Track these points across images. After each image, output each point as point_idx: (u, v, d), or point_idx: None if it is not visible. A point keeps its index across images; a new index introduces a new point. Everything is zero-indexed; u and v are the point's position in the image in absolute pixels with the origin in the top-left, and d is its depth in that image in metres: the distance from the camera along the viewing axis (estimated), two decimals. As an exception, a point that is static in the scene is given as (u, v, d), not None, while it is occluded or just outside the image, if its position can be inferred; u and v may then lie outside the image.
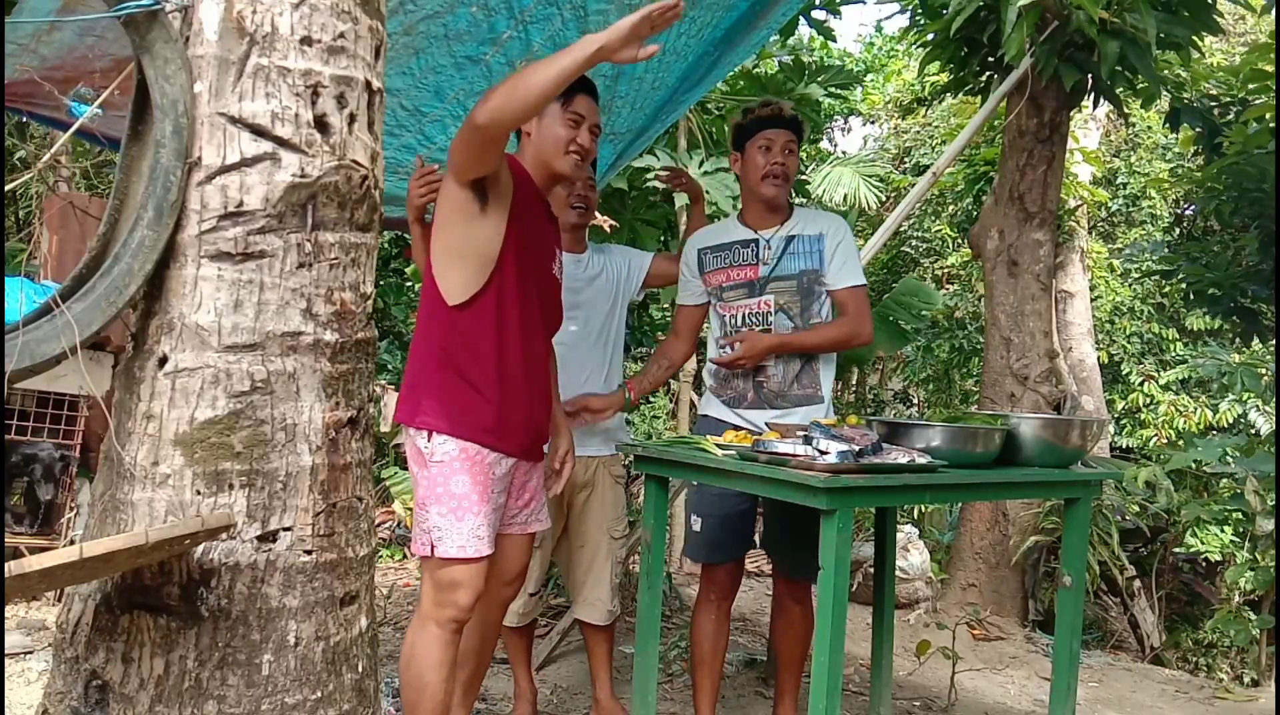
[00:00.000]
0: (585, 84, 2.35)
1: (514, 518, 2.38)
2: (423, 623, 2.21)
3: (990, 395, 4.89)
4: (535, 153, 2.33)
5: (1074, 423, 2.61)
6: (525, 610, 3.01)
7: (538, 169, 2.34)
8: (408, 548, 5.56)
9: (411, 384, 2.25)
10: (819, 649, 2.06)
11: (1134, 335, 8.65)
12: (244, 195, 1.73)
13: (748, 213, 2.92)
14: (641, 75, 3.42)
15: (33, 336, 1.61)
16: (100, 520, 1.78)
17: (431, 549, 2.17)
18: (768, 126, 2.81)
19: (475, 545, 2.17)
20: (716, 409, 2.88)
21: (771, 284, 2.83)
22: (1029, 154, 4.79)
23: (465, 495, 2.16)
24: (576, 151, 2.31)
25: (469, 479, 2.16)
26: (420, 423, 2.19)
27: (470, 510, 2.17)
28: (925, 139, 9.98)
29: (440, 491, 2.16)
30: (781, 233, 2.85)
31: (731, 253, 2.87)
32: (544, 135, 2.31)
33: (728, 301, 2.88)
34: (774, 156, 2.79)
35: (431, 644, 2.18)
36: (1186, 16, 4.35)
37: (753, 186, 2.84)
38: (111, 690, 1.70)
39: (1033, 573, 5.08)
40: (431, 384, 2.20)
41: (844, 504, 2.06)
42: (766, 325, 2.82)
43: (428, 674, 2.16)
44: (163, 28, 1.70)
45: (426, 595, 2.23)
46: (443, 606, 2.19)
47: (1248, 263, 5.17)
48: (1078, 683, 2.70)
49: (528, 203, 2.27)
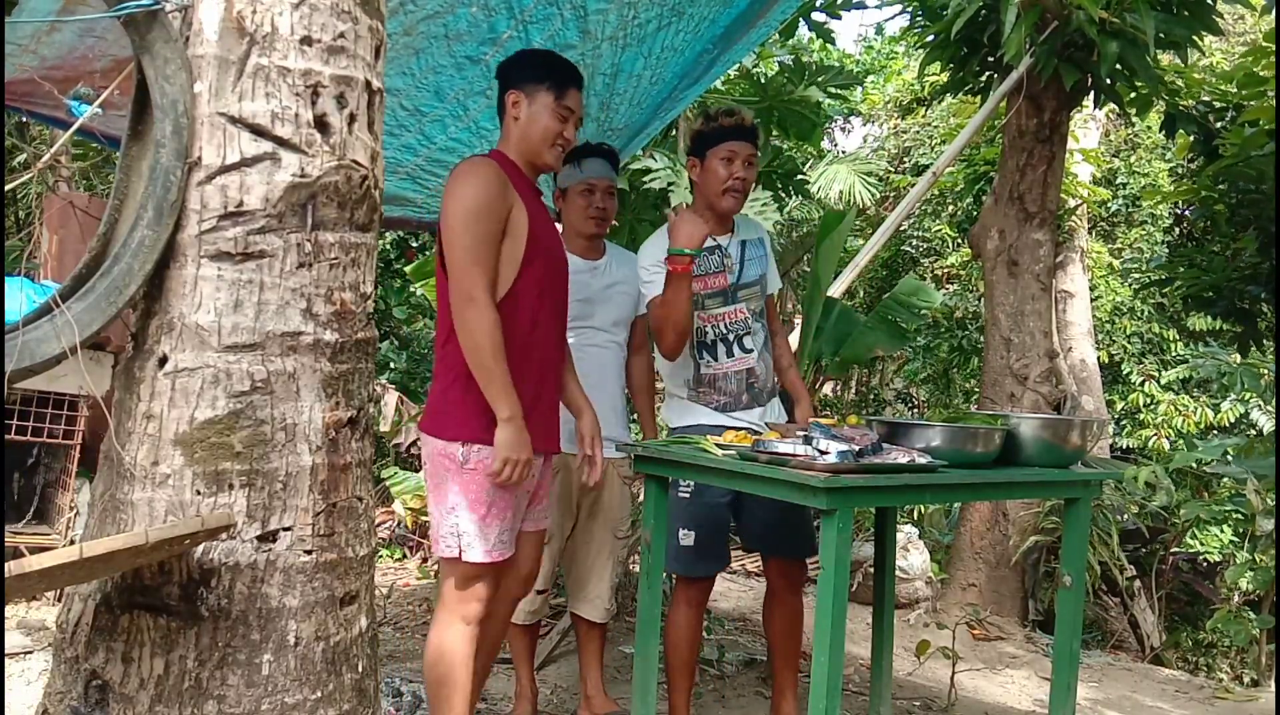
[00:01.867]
0: (577, 76, 2.35)
1: (525, 517, 2.41)
2: (449, 621, 2.25)
3: (990, 395, 4.89)
4: (522, 139, 2.31)
5: (1074, 423, 2.61)
6: (533, 608, 3.01)
7: (523, 155, 2.33)
8: (408, 547, 5.56)
9: (441, 395, 2.27)
10: (819, 649, 2.06)
11: (1134, 335, 8.65)
12: (244, 195, 1.73)
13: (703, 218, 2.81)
14: (640, 73, 3.42)
15: (32, 336, 1.61)
16: (100, 520, 1.78)
17: (460, 552, 2.21)
18: (730, 138, 2.76)
19: (501, 549, 2.24)
20: (706, 416, 2.82)
21: (741, 291, 2.85)
22: (1029, 154, 4.79)
23: (495, 501, 2.21)
24: (562, 145, 2.32)
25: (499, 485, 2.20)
26: (453, 434, 2.21)
27: (499, 516, 2.22)
28: (925, 139, 9.98)
29: (472, 498, 2.20)
30: (736, 239, 2.89)
31: (703, 260, 2.80)
32: (534, 124, 2.29)
33: (708, 309, 2.82)
34: (736, 170, 2.76)
35: (459, 640, 2.23)
36: (1186, 16, 4.35)
37: (712, 198, 2.80)
38: (111, 690, 1.70)
39: (1033, 573, 5.08)
40: (463, 397, 2.21)
41: (844, 504, 2.06)
42: (747, 329, 2.84)
43: (458, 670, 2.21)
44: (163, 28, 1.70)
45: (450, 594, 2.26)
46: (467, 603, 2.24)
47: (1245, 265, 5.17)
48: (1078, 683, 2.70)
49: (528, 197, 2.29)
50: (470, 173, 2.20)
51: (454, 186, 2.20)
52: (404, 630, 4.12)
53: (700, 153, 2.81)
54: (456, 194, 2.18)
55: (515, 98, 2.30)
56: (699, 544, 2.77)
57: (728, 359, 2.83)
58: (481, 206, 2.15)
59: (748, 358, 2.84)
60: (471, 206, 2.15)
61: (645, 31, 3.16)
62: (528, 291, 2.25)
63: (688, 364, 2.85)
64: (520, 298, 2.24)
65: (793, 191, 5.39)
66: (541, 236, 2.28)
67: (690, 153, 2.87)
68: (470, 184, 2.18)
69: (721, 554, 2.86)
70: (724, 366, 2.83)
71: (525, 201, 2.26)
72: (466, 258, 2.13)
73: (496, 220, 2.17)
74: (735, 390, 2.83)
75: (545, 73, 2.30)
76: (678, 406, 2.90)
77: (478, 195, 2.16)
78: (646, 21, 3.10)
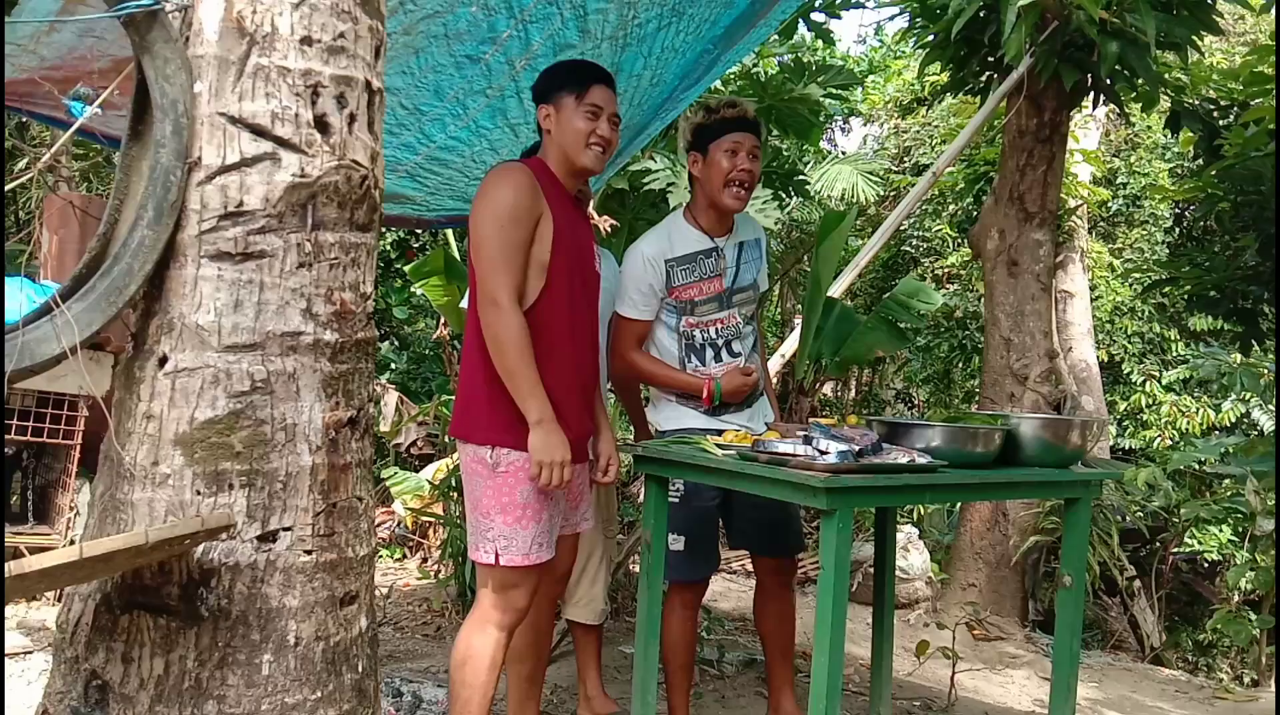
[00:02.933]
0: (601, 73, 2.33)
1: (566, 519, 2.42)
2: (482, 625, 2.25)
3: (990, 395, 4.89)
4: (557, 148, 2.31)
5: (1074, 423, 2.61)
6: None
7: (561, 165, 2.32)
8: (408, 547, 5.56)
9: (469, 399, 2.27)
10: (819, 649, 2.06)
11: (1135, 335, 8.64)
12: (244, 195, 1.73)
13: (702, 218, 2.78)
14: (640, 72, 3.42)
15: (32, 336, 1.61)
16: (100, 520, 1.78)
17: (496, 557, 2.20)
18: (733, 129, 2.66)
19: (538, 552, 2.23)
20: (694, 419, 2.78)
21: (736, 296, 2.79)
22: (1029, 154, 4.79)
23: (529, 504, 2.21)
24: (598, 143, 2.29)
25: (532, 488, 2.20)
26: (482, 438, 2.21)
27: (534, 518, 2.21)
28: (925, 139, 9.97)
29: (506, 501, 2.20)
30: (733, 240, 2.81)
31: (698, 264, 2.74)
32: (564, 130, 2.28)
33: (700, 316, 2.76)
34: (741, 162, 2.66)
35: (489, 645, 2.23)
36: (1186, 16, 4.35)
37: (714, 193, 2.70)
38: (111, 690, 1.70)
39: (1033, 573, 5.08)
40: (490, 400, 2.21)
41: (844, 504, 2.06)
42: (736, 333, 2.80)
43: (483, 674, 2.21)
44: (163, 28, 1.70)
45: (486, 598, 2.26)
46: (504, 611, 2.24)
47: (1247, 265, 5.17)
48: (1078, 683, 2.70)
49: (560, 206, 2.28)
50: (501, 179, 2.20)
51: (485, 191, 2.19)
52: (404, 630, 4.12)
53: (702, 147, 2.71)
54: (486, 199, 2.18)
55: (545, 111, 2.32)
56: (689, 548, 2.76)
57: (716, 364, 2.79)
58: (510, 212, 2.15)
59: (736, 362, 2.81)
60: (500, 212, 2.15)
61: (645, 31, 3.15)
62: (556, 299, 2.24)
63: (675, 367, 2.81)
64: (549, 306, 2.23)
65: (792, 192, 5.39)
66: (570, 246, 2.27)
67: (690, 148, 2.75)
68: (500, 189, 2.17)
69: (711, 557, 2.86)
70: (711, 371, 2.78)
71: (557, 210, 2.25)
72: (492, 262, 2.14)
73: (525, 227, 2.17)
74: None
75: (565, 78, 2.30)
76: (666, 409, 2.85)
77: (507, 201, 2.16)
78: (646, 21, 3.09)
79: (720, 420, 2.78)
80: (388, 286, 7.42)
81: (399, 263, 7.43)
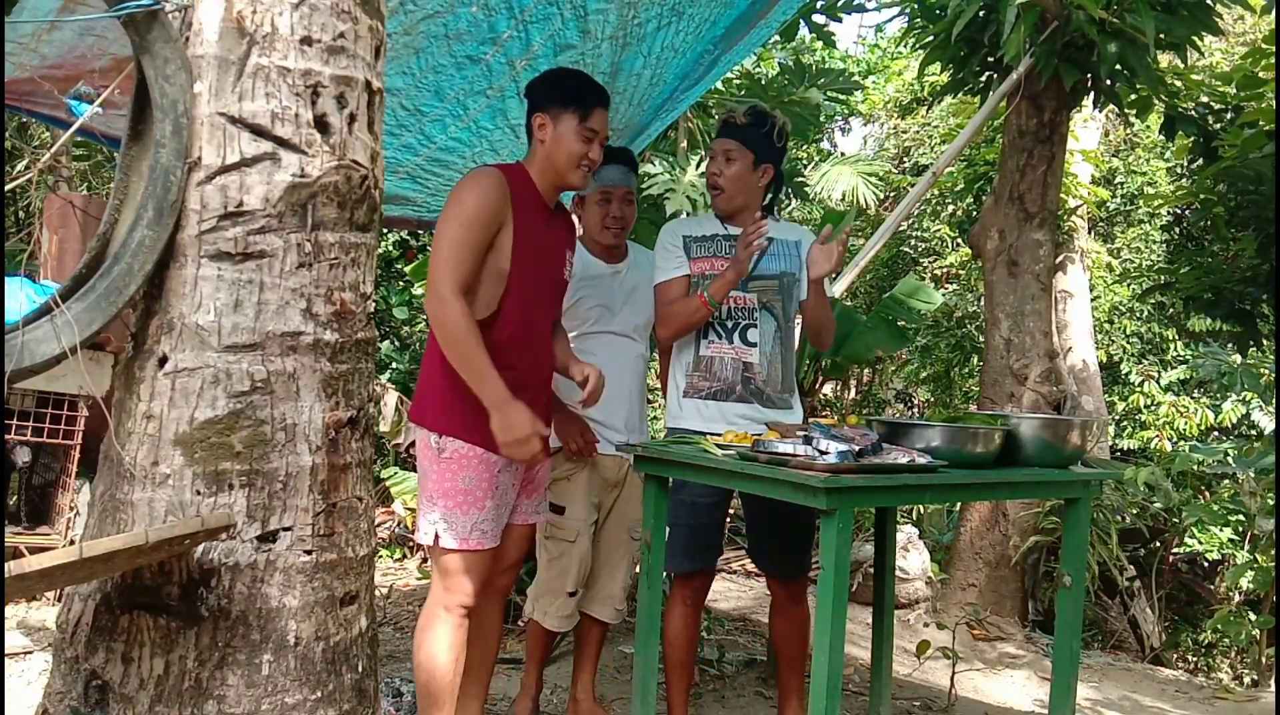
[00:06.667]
0: (604, 96, 2.41)
1: (516, 509, 2.48)
2: (432, 608, 2.35)
3: (990, 395, 4.89)
4: (547, 160, 2.37)
5: (1073, 423, 2.61)
6: (567, 612, 2.93)
7: (546, 176, 2.39)
8: (408, 547, 5.56)
9: (425, 387, 2.38)
10: (819, 649, 2.06)
11: (1134, 335, 8.64)
12: (244, 195, 1.73)
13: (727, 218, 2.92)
14: (640, 72, 3.42)
15: (32, 336, 1.61)
16: (100, 520, 1.78)
17: (436, 539, 2.30)
18: (717, 136, 2.88)
19: (478, 537, 2.30)
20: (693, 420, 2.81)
21: (753, 283, 2.83)
22: (1029, 154, 4.79)
23: (470, 491, 2.29)
24: (587, 166, 2.38)
25: (475, 476, 2.29)
26: (431, 424, 2.32)
27: (475, 505, 2.29)
28: (925, 139, 9.97)
29: (449, 486, 2.29)
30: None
31: (715, 244, 2.85)
32: (559, 147, 2.35)
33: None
34: (712, 166, 2.87)
35: (440, 628, 2.32)
36: (1186, 16, 4.35)
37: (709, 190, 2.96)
38: (111, 690, 1.70)
39: (1033, 573, 5.08)
40: (442, 389, 2.30)
41: (844, 504, 2.06)
42: (752, 321, 2.83)
43: (439, 656, 2.31)
44: (163, 28, 1.70)
45: (435, 583, 2.38)
46: (450, 592, 2.33)
47: (1245, 266, 5.18)
48: (1078, 683, 2.70)
49: (531, 216, 2.33)
50: (472, 182, 2.28)
51: (455, 193, 2.28)
52: (404, 630, 4.12)
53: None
54: (454, 199, 2.27)
55: (542, 120, 2.36)
56: (677, 539, 2.78)
57: (726, 343, 2.82)
58: (472, 214, 2.23)
59: (749, 351, 2.81)
60: (463, 213, 2.23)
61: (645, 31, 3.16)
62: (512, 311, 2.31)
63: (691, 343, 2.86)
64: (506, 315, 2.30)
65: (791, 194, 5.39)
66: (534, 258, 2.33)
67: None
68: (467, 192, 2.26)
69: (703, 551, 2.86)
70: (721, 348, 2.81)
71: (526, 220, 2.30)
72: (443, 257, 2.21)
73: (484, 230, 2.24)
74: (730, 378, 2.81)
75: (571, 96, 2.35)
76: (673, 405, 2.90)
77: (471, 202, 2.24)
78: (646, 21, 3.10)
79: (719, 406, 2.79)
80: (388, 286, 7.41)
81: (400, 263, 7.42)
